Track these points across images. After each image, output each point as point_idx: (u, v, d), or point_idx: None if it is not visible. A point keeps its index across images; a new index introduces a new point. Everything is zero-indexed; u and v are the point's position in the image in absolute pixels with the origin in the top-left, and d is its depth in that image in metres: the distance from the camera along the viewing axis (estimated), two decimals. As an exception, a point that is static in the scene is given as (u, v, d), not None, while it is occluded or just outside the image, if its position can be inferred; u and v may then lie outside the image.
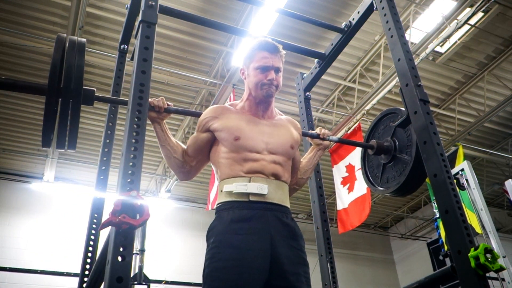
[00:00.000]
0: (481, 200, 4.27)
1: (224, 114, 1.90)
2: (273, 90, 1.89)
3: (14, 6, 5.45)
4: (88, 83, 6.75)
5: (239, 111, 1.94)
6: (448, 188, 1.73)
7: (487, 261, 1.54)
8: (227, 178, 1.79)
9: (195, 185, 9.39)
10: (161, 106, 1.88)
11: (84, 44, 1.84)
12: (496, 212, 10.14)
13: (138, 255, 6.01)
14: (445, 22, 5.69)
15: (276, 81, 1.89)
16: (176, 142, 1.92)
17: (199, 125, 1.92)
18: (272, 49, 1.91)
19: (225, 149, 1.83)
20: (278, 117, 2.03)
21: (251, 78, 1.91)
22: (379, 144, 2.42)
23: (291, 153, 1.92)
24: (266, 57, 1.89)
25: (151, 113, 1.86)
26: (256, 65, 1.89)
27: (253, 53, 1.93)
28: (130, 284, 1.25)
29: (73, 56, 1.75)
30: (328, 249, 2.40)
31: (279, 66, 1.91)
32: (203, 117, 1.93)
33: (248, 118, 1.90)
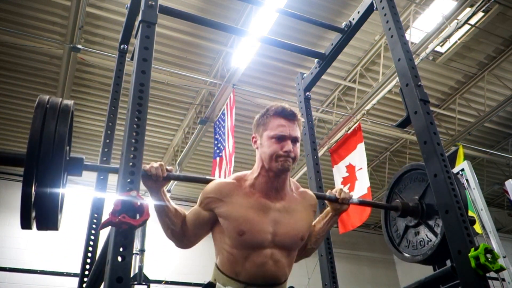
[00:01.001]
0: (481, 200, 4.27)
1: (230, 196, 1.67)
2: (289, 163, 1.67)
3: (14, 6, 5.45)
4: (88, 83, 6.76)
5: (248, 192, 1.70)
6: (448, 188, 1.73)
7: (487, 261, 1.54)
8: (222, 272, 1.68)
9: (195, 185, 9.38)
10: (159, 175, 1.60)
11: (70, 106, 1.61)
12: (496, 212, 10.14)
13: (138, 255, 6.01)
14: (445, 22, 5.69)
15: (293, 153, 1.67)
16: (176, 211, 1.69)
17: (201, 200, 1.71)
18: (289, 115, 1.71)
19: (228, 241, 1.66)
20: (293, 194, 1.79)
21: (265, 149, 1.69)
22: (405, 206, 2.14)
23: (299, 244, 1.75)
24: (282, 125, 1.68)
25: (148, 182, 1.60)
26: (271, 134, 1.67)
27: (268, 119, 1.71)
28: (130, 284, 1.25)
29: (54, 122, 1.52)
30: (328, 249, 2.39)
31: (297, 135, 1.70)
32: (206, 195, 1.70)
33: (257, 203, 1.68)
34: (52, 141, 1.48)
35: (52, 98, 1.61)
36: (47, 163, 1.45)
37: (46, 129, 1.50)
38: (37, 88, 6.73)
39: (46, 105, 1.57)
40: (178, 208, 1.71)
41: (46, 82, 6.64)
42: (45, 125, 1.51)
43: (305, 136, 2.73)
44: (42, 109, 1.55)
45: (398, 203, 2.17)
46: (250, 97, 6.77)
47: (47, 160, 1.45)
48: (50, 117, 1.53)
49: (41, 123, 1.51)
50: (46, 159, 1.45)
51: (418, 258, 2.09)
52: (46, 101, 1.59)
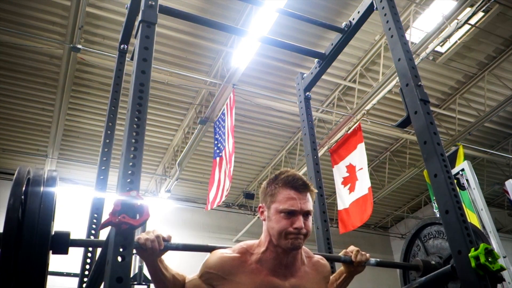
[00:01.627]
0: (481, 200, 4.26)
1: (234, 274, 1.51)
2: (300, 241, 1.50)
3: (14, 6, 5.45)
4: (88, 83, 6.76)
5: (254, 269, 1.53)
6: (448, 188, 1.73)
7: (487, 261, 1.53)
8: None
9: (195, 185, 9.39)
10: (156, 248, 1.42)
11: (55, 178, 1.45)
12: (497, 212, 10.14)
13: (138, 255, 5.99)
14: (445, 22, 5.69)
15: (305, 229, 1.50)
16: (174, 280, 1.55)
17: (202, 273, 1.56)
18: (300, 187, 1.53)
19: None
20: (303, 268, 1.62)
21: (273, 224, 1.51)
22: (426, 264, 1.93)
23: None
24: (293, 198, 1.51)
25: (143, 255, 1.44)
26: (279, 208, 1.50)
27: (276, 190, 1.54)
28: (130, 284, 1.25)
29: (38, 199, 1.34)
30: (328, 249, 2.39)
31: (309, 209, 1.52)
32: (208, 269, 1.54)
33: (264, 283, 1.51)
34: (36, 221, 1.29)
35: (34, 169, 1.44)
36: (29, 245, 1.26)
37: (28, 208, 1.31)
38: (37, 88, 6.73)
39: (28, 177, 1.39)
40: (176, 274, 1.57)
41: (46, 82, 6.64)
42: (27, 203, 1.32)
43: (305, 136, 2.73)
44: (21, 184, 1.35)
45: (419, 262, 1.94)
46: (250, 97, 6.77)
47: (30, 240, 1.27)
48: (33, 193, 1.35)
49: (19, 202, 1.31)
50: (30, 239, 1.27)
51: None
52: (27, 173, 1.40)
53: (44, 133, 7.73)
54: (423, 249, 2.07)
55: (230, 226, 10.22)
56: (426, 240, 2.08)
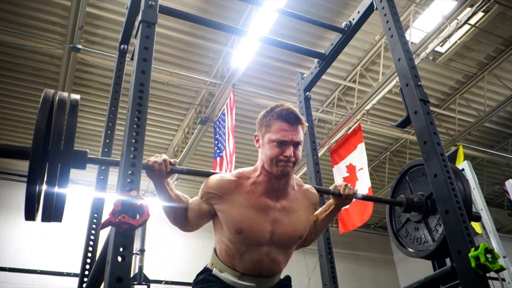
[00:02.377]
0: (481, 200, 4.27)
1: (230, 194, 1.69)
2: (289, 168, 1.67)
3: (14, 6, 5.45)
4: (88, 82, 6.76)
5: (249, 190, 1.71)
6: (448, 188, 1.73)
7: (487, 261, 1.54)
8: (220, 259, 1.74)
9: (195, 185, 9.39)
10: (163, 170, 1.61)
11: (78, 101, 1.60)
12: (496, 212, 10.14)
13: (138, 255, 6.01)
14: (445, 22, 5.69)
15: (294, 157, 1.67)
16: (179, 199, 1.73)
17: (203, 193, 1.74)
18: (292, 120, 1.69)
19: (227, 235, 1.70)
20: (295, 193, 1.80)
21: (266, 151, 1.69)
22: (409, 201, 2.13)
23: (298, 242, 1.79)
24: (285, 130, 1.67)
25: (151, 175, 1.62)
26: (272, 138, 1.67)
27: (271, 121, 1.70)
28: (130, 284, 1.25)
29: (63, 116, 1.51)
30: (328, 249, 2.39)
31: (300, 140, 1.69)
32: (207, 190, 1.73)
33: (258, 203, 1.69)
34: (61, 135, 1.47)
35: (59, 92, 1.62)
36: (56, 157, 1.44)
37: (55, 122, 1.49)
38: (37, 88, 6.73)
39: (53, 98, 1.58)
40: (181, 195, 1.75)
41: (46, 82, 6.64)
42: (55, 118, 1.51)
43: (305, 136, 2.73)
44: (48, 102, 1.55)
45: (403, 198, 2.16)
46: (250, 97, 6.77)
47: (56, 154, 1.44)
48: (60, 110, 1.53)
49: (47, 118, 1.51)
50: (56, 153, 1.44)
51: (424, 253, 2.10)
52: (53, 94, 1.59)
53: (44, 133, 7.72)
54: (409, 188, 2.27)
55: (230, 226, 10.20)
56: (411, 180, 2.28)
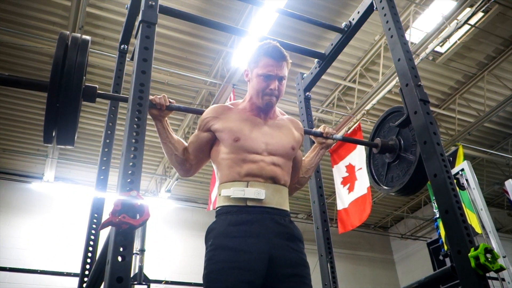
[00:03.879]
0: (481, 200, 4.26)
1: (225, 114, 1.89)
2: (273, 100, 1.88)
3: (14, 6, 5.45)
4: (88, 83, 6.74)
5: (240, 111, 1.92)
6: (448, 188, 1.73)
7: (487, 261, 1.54)
8: (225, 182, 1.79)
9: (195, 185, 9.39)
10: (162, 103, 1.84)
11: (88, 42, 1.82)
12: (496, 212, 10.14)
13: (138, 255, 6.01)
14: (445, 22, 5.69)
15: (277, 91, 1.87)
16: (178, 139, 1.91)
17: (200, 124, 1.91)
18: (278, 57, 1.86)
19: (225, 149, 1.82)
20: (280, 117, 2.01)
21: (253, 84, 1.88)
22: (384, 143, 2.39)
23: (291, 154, 1.91)
24: (271, 65, 1.85)
25: (153, 111, 1.83)
26: (259, 72, 1.86)
27: (258, 58, 1.88)
28: (130, 284, 1.25)
29: (75, 54, 1.73)
30: (328, 249, 2.40)
31: (284, 74, 1.88)
32: (204, 117, 1.92)
33: (249, 119, 1.89)
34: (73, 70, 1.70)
35: (73, 34, 1.82)
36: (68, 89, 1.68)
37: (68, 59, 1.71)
38: (37, 88, 6.73)
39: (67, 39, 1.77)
40: (181, 139, 1.93)
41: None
42: (67, 56, 1.71)
43: (305, 136, 2.73)
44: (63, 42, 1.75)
45: (378, 140, 2.41)
46: (250, 97, 6.77)
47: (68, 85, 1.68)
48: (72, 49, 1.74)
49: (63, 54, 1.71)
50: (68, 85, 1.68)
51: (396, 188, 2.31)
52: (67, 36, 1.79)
53: (44, 133, 7.72)
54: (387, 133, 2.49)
55: (230, 226, 10.20)
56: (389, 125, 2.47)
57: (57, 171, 8.54)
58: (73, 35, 1.80)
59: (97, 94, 1.86)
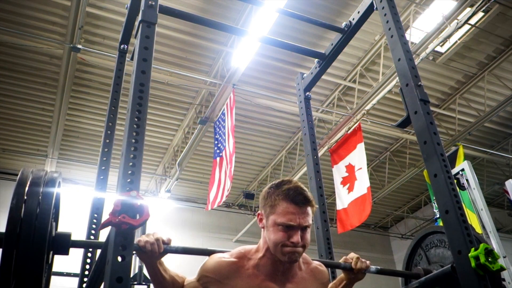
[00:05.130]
0: (481, 200, 4.26)
1: (230, 278, 1.51)
2: (297, 255, 1.49)
3: (14, 6, 5.45)
4: (88, 82, 6.76)
5: (251, 274, 1.53)
6: (448, 188, 1.73)
7: (487, 261, 1.53)
8: None
9: (195, 185, 9.39)
10: (155, 251, 1.43)
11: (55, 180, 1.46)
12: (496, 212, 10.14)
13: (138, 255, 5.99)
14: (445, 22, 5.69)
15: (302, 242, 1.48)
16: (173, 281, 1.56)
17: (200, 277, 1.57)
18: (301, 201, 1.49)
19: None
20: (302, 272, 1.62)
21: (270, 234, 1.50)
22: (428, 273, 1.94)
23: None
24: (292, 213, 1.48)
25: (142, 257, 1.46)
26: (278, 221, 1.48)
27: (276, 202, 1.51)
28: (130, 284, 1.25)
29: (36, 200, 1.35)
30: (328, 249, 2.39)
31: (308, 223, 1.50)
32: (205, 273, 1.55)
33: (260, 287, 1.52)
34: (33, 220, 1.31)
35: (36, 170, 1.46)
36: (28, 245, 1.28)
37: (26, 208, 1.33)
38: (37, 88, 6.73)
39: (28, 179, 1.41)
40: (175, 276, 1.58)
41: (46, 82, 6.64)
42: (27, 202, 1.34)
43: (305, 136, 2.73)
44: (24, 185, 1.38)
45: (420, 270, 1.98)
46: (250, 97, 6.77)
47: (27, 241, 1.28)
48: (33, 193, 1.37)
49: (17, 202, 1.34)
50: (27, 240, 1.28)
51: None
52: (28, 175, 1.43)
53: (44, 133, 7.73)
54: (425, 258, 2.08)
55: (230, 226, 10.22)
56: (428, 249, 2.09)
57: (59, 173, 8.54)
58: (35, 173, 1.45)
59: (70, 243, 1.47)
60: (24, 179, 1.40)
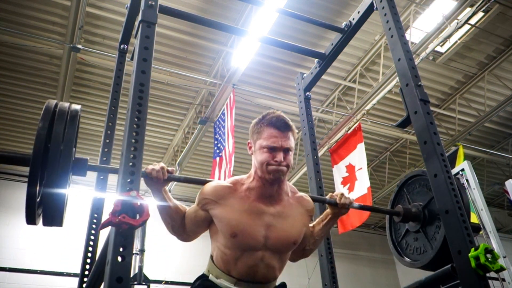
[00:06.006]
0: (481, 200, 4.26)
1: (225, 199, 1.73)
2: (281, 173, 1.71)
3: (14, 6, 5.45)
4: (88, 82, 6.76)
5: (243, 195, 1.74)
6: (448, 188, 1.73)
7: (487, 261, 1.54)
8: (216, 266, 1.76)
9: (195, 185, 9.37)
10: (160, 178, 1.64)
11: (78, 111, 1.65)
12: (497, 212, 10.14)
13: (138, 255, 6.01)
14: (445, 22, 5.69)
15: (285, 162, 1.71)
16: (176, 208, 1.77)
17: (199, 200, 1.78)
18: (282, 127, 1.73)
19: (222, 240, 1.73)
20: (289, 198, 1.82)
21: (257, 156, 1.73)
22: (406, 211, 2.17)
23: (292, 248, 1.80)
24: (275, 136, 1.71)
25: (149, 183, 1.66)
26: (263, 144, 1.71)
27: (262, 128, 1.75)
28: (130, 284, 1.25)
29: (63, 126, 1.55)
30: (328, 249, 2.39)
31: (289, 146, 1.73)
32: (203, 196, 1.77)
33: (251, 207, 1.72)
34: (60, 143, 1.51)
35: (61, 102, 1.65)
36: (54, 164, 1.47)
37: (54, 132, 1.53)
38: (37, 88, 6.73)
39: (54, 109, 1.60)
40: (179, 205, 1.79)
41: (46, 82, 6.64)
42: (54, 128, 1.54)
43: (305, 136, 2.73)
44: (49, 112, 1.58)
45: (400, 208, 2.19)
46: (250, 97, 6.77)
47: (55, 161, 1.48)
48: (59, 120, 1.56)
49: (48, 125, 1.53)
50: (54, 160, 1.48)
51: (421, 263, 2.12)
52: (54, 105, 1.62)
53: (44, 133, 7.73)
54: (407, 199, 2.31)
55: (230, 226, 10.20)
56: (409, 191, 2.32)
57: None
58: (60, 104, 1.64)
59: (87, 167, 1.67)
60: (50, 108, 1.59)
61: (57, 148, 1.50)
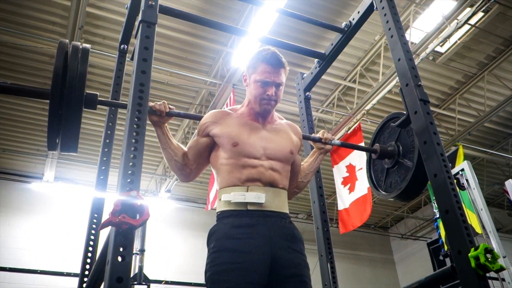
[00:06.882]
0: (481, 200, 4.26)
1: (223, 119, 1.90)
2: (271, 106, 1.90)
3: (14, 6, 5.45)
4: (88, 83, 6.74)
5: (239, 116, 1.94)
6: (448, 188, 1.73)
7: (487, 261, 1.54)
8: (225, 187, 1.81)
9: (195, 185, 9.38)
10: (162, 110, 1.86)
11: (88, 50, 1.83)
12: (496, 212, 10.14)
13: (138, 255, 6.01)
14: (445, 22, 5.69)
15: (275, 96, 1.88)
16: (177, 144, 1.93)
17: (199, 129, 1.94)
18: (275, 63, 1.88)
19: (224, 155, 1.84)
20: (278, 121, 2.02)
21: (251, 90, 1.91)
22: (383, 149, 2.40)
23: (290, 158, 1.93)
24: (268, 72, 1.87)
25: (153, 117, 1.86)
26: (257, 78, 1.88)
27: (256, 64, 1.91)
28: (130, 284, 1.25)
29: (76, 63, 1.75)
30: (328, 249, 2.39)
31: (281, 81, 1.89)
32: (202, 122, 1.93)
33: (247, 123, 1.90)
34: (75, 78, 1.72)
35: (73, 42, 1.83)
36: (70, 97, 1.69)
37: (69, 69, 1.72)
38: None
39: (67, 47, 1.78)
40: (180, 144, 1.96)
41: (46, 82, 6.64)
42: (68, 65, 1.73)
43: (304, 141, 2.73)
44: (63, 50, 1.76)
45: (377, 146, 2.43)
46: (250, 97, 6.76)
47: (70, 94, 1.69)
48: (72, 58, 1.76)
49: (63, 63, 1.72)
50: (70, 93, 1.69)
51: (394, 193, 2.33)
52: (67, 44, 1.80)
53: (44, 133, 7.72)
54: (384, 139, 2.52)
55: (230, 226, 10.21)
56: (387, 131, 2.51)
57: (57, 171, 8.54)
58: (73, 43, 1.81)
59: (97, 101, 1.87)
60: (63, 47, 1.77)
61: (72, 82, 1.70)
